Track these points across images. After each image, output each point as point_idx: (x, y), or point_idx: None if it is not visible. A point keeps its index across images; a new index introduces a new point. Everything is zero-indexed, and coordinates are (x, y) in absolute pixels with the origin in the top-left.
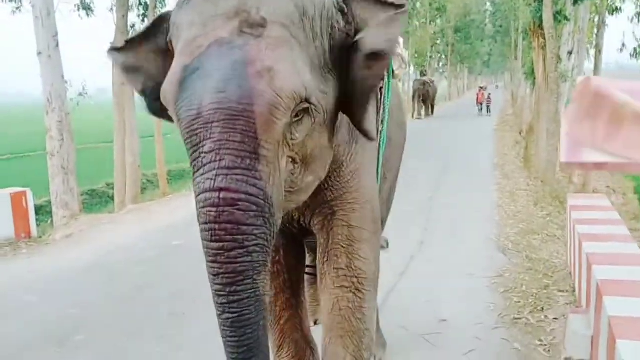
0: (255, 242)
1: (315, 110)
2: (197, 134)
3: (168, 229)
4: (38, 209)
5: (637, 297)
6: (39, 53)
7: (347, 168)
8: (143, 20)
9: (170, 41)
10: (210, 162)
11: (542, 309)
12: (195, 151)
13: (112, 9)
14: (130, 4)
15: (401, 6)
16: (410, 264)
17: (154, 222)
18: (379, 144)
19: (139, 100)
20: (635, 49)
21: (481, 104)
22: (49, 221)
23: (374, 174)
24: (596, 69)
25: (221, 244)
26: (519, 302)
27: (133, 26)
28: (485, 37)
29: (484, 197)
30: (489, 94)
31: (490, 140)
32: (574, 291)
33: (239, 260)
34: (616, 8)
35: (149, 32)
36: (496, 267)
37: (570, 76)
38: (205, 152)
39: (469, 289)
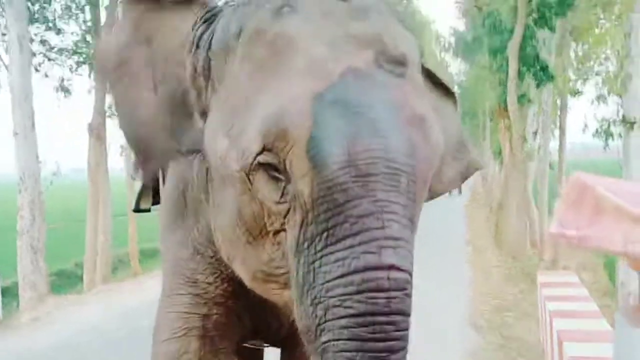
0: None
1: None
2: (343, 190)
3: (139, 309)
4: (4, 291)
5: None
6: (15, 133)
7: None
8: None
9: (227, 50)
10: (369, 230)
11: None
12: (338, 214)
13: (90, 90)
14: (108, 87)
15: (450, 92)
16: None
17: (124, 303)
18: None
19: (113, 180)
20: (597, 129)
21: None
22: (15, 303)
23: None
24: (561, 148)
25: (389, 344)
26: None
27: (110, 107)
28: None
29: (457, 273)
30: None
31: (461, 217)
32: None
33: None
34: (577, 91)
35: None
36: (470, 345)
37: (536, 155)
38: (358, 216)
39: None
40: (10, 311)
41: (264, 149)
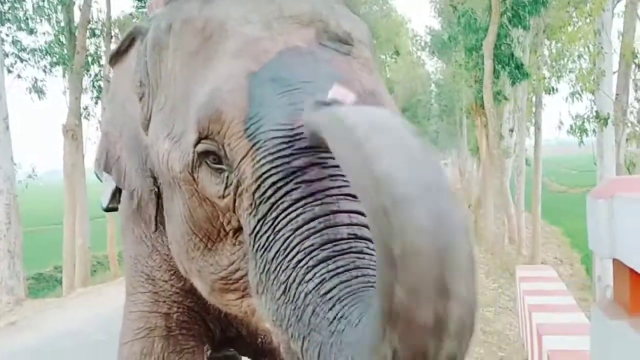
0: None
1: None
2: (289, 161)
3: (118, 312)
4: None
5: None
6: None
7: None
8: (96, 103)
9: (159, 48)
10: (326, 189)
11: None
12: (287, 182)
13: (65, 91)
14: (83, 87)
15: None
16: None
17: (103, 306)
18: None
19: (90, 182)
20: (571, 126)
21: None
22: None
23: None
24: (537, 145)
25: (353, 256)
26: None
27: (86, 108)
28: (432, 116)
29: None
30: None
31: None
32: None
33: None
34: (552, 88)
35: (126, 44)
36: None
37: (513, 151)
38: (310, 180)
39: None
40: None
41: (200, 137)
